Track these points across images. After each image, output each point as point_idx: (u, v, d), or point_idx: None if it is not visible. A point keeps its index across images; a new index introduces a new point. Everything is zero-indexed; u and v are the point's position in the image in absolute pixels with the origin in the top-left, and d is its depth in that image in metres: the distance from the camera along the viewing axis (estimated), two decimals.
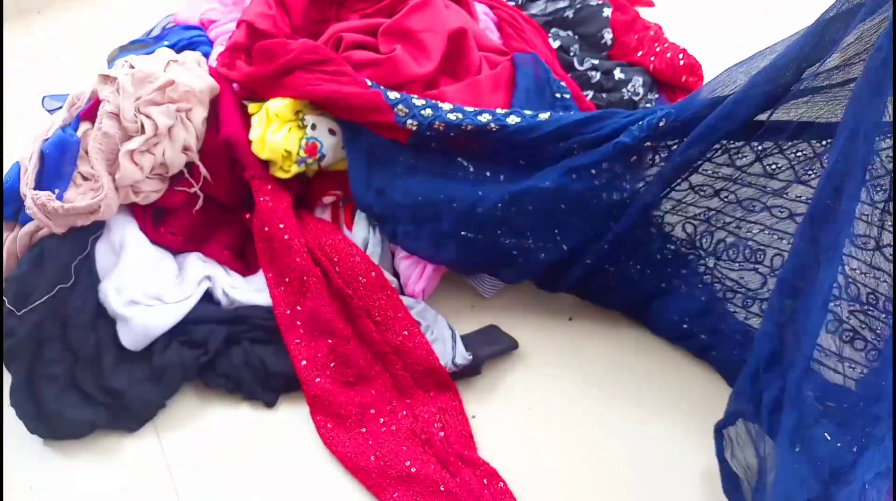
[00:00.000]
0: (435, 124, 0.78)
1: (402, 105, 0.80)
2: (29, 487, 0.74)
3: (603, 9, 1.18)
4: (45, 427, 0.76)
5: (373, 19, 0.91)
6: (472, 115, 0.79)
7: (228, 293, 0.83)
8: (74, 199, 0.78)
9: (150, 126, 0.80)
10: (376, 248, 0.86)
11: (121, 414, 0.77)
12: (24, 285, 0.78)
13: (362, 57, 0.86)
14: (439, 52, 0.86)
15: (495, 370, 0.82)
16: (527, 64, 0.95)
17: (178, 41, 1.02)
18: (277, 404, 0.79)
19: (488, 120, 0.78)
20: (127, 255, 0.81)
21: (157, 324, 0.78)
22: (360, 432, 0.76)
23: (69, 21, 1.40)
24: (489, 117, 0.79)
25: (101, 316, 0.80)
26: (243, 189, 0.88)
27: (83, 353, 0.78)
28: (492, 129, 0.77)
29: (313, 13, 0.94)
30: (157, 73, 0.84)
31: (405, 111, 0.80)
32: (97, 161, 0.79)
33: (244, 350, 0.79)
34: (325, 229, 0.86)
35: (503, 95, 0.92)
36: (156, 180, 0.83)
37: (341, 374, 0.79)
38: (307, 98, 0.83)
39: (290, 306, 0.81)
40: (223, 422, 0.78)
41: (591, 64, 1.12)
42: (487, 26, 1.07)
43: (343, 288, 0.81)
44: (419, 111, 0.79)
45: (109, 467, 0.76)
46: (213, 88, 0.88)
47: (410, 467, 0.72)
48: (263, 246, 0.84)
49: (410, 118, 0.79)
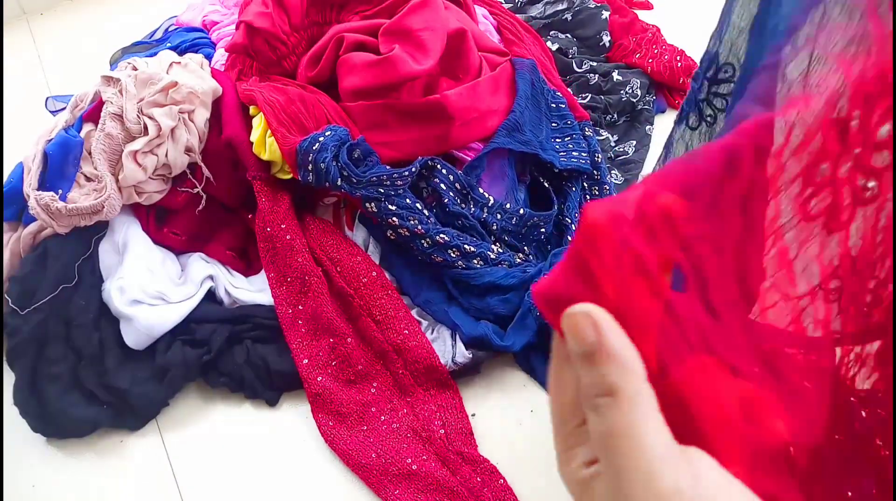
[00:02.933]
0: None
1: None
2: (31, 485, 0.75)
3: (601, 11, 1.19)
4: (47, 426, 0.76)
5: (374, 20, 0.91)
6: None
7: (231, 293, 0.84)
8: (78, 199, 0.79)
9: (153, 127, 0.80)
10: (377, 248, 0.86)
11: (124, 413, 0.77)
12: (28, 285, 0.79)
13: (362, 59, 0.87)
14: (439, 50, 0.87)
15: (495, 368, 0.82)
16: (524, 70, 0.95)
17: (181, 43, 1.03)
18: (279, 402, 0.80)
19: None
20: (130, 255, 0.81)
21: (160, 323, 0.78)
22: (361, 430, 0.76)
23: (72, 23, 1.41)
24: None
25: (104, 315, 0.80)
26: (245, 190, 0.88)
27: (86, 352, 0.78)
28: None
29: (314, 15, 0.94)
30: (160, 74, 0.84)
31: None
32: (100, 162, 0.80)
33: (246, 349, 0.80)
34: (326, 229, 0.86)
35: (505, 98, 0.92)
36: (159, 181, 0.84)
37: (342, 372, 0.79)
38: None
39: (292, 306, 0.82)
40: (225, 421, 0.79)
41: (590, 66, 1.13)
42: (488, 29, 1.08)
43: (344, 288, 0.81)
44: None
45: (112, 465, 0.76)
46: (216, 90, 0.88)
47: (412, 464, 0.72)
48: (265, 246, 0.85)
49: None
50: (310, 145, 0.79)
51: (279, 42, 0.91)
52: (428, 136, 0.87)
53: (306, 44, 0.94)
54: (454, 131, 0.87)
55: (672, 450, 0.19)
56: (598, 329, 0.19)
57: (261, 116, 0.85)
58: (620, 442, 0.18)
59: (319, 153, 0.79)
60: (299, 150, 0.80)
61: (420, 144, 0.86)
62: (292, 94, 0.87)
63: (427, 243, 0.80)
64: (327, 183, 0.79)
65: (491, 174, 0.89)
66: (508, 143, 0.88)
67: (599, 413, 0.19)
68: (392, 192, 0.80)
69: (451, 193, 0.83)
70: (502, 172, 0.90)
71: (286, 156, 0.82)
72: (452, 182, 0.84)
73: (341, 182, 0.79)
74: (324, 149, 0.79)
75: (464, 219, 0.83)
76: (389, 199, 0.80)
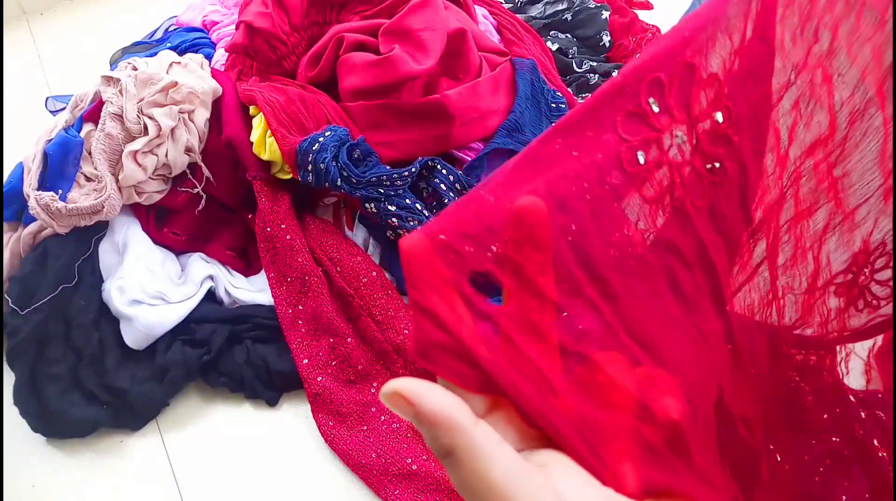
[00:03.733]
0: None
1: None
2: (31, 485, 0.75)
3: (602, 11, 1.19)
4: (47, 426, 0.76)
5: (374, 20, 0.91)
6: None
7: (231, 293, 0.84)
8: (78, 199, 0.79)
9: (153, 127, 0.80)
10: (377, 248, 0.86)
11: (124, 413, 0.77)
12: (28, 285, 0.79)
13: (362, 59, 0.87)
14: (439, 50, 0.87)
15: None
16: (524, 70, 0.95)
17: (181, 43, 1.02)
18: (279, 402, 0.80)
19: None
20: (130, 255, 0.81)
21: (160, 323, 0.78)
22: (361, 430, 0.76)
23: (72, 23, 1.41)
24: None
25: (104, 315, 0.80)
26: (245, 190, 0.88)
27: (86, 352, 0.78)
28: None
29: (314, 15, 0.94)
30: (160, 74, 0.84)
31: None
32: (100, 162, 0.80)
33: (246, 349, 0.80)
34: (326, 229, 0.86)
35: (505, 97, 0.92)
36: (159, 181, 0.84)
37: (342, 372, 0.79)
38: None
39: (292, 306, 0.82)
40: (225, 421, 0.79)
41: (590, 66, 1.13)
42: (488, 29, 1.08)
43: (344, 288, 0.81)
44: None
45: (112, 465, 0.76)
46: (216, 90, 0.88)
47: (412, 464, 0.72)
48: (265, 246, 0.85)
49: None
50: (310, 146, 0.80)
51: (279, 42, 0.91)
52: (428, 136, 0.87)
53: (306, 44, 0.94)
54: (454, 131, 0.87)
55: (524, 472, 0.20)
56: (409, 402, 0.20)
57: (261, 116, 0.85)
58: (475, 490, 0.20)
59: (319, 153, 0.79)
60: (299, 150, 0.80)
61: (420, 144, 0.86)
62: (292, 94, 0.87)
63: None
64: (327, 183, 0.79)
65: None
66: (509, 143, 0.88)
67: (450, 470, 0.20)
68: (392, 192, 0.80)
69: (451, 193, 0.83)
70: None
71: (286, 156, 0.82)
72: (452, 183, 0.84)
73: (341, 182, 0.79)
74: (323, 149, 0.79)
75: None
76: (389, 199, 0.80)
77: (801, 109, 0.28)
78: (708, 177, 0.25)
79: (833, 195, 0.30)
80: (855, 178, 0.30)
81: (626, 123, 0.23)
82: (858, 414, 0.33)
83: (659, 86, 0.24)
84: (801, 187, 0.30)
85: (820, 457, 0.33)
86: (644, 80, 0.23)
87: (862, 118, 0.29)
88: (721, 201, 0.26)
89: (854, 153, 0.29)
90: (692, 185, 0.25)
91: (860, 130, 0.29)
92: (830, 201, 0.30)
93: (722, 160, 0.25)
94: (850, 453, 0.32)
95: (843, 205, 0.30)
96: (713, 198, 0.25)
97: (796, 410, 0.33)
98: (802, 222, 0.30)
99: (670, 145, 0.24)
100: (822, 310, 0.32)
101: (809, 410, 0.34)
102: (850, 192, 0.30)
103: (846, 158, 0.29)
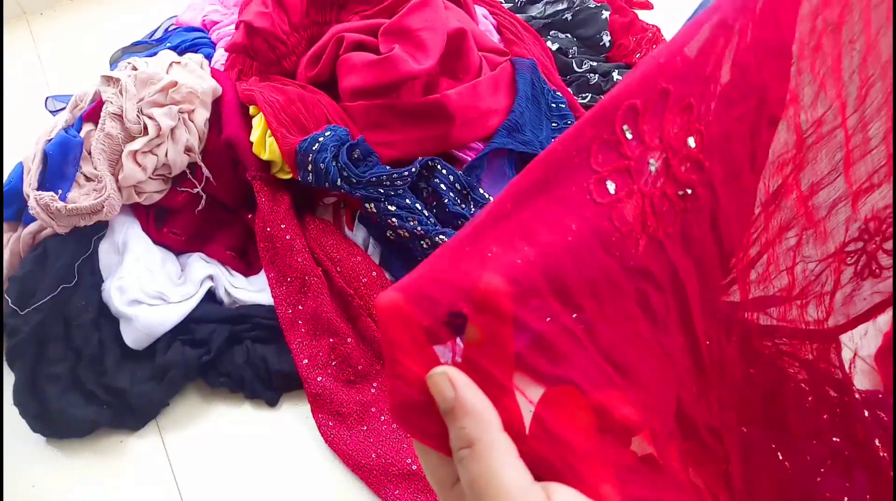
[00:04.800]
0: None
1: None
2: (31, 485, 0.75)
3: (602, 11, 1.19)
4: (47, 426, 0.76)
5: (374, 20, 0.91)
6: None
7: (230, 293, 0.84)
8: (77, 199, 0.79)
9: (152, 127, 0.80)
10: (377, 248, 0.86)
11: (123, 413, 0.77)
12: (28, 285, 0.79)
13: (362, 59, 0.87)
14: (439, 50, 0.87)
15: None
16: (524, 70, 0.95)
17: (181, 43, 1.03)
18: (279, 402, 0.80)
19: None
20: (130, 255, 0.81)
21: (160, 323, 0.78)
22: (361, 430, 0.76)
23: (72, 23, 1.41)
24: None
25: (104, 315, 0.80)
26: (245, 190, 0.88)
27: (86, 352, 0.78)
28: None
29: (314, 15, 0.94)
30: (159, 74, 0.84)
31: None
32: (100, 162, 0.80)
33: (246, 349, 0.80)
34: (326, 229, 0.86)
35: (505, 97, 0.92)
36: (158, 181, 0.84)
37: (342, 372, 0.79)
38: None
39: (292, 306, 0.82)
40: (226, 421, 0.79)
41: (590, 66, 1.13)
42: (488, 28, 1.08)
43: (344, 288, 0.81)
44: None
45: (112, 465, 0.76)
46: (216, 90, 0.88)
47: (411, 464, 0.72)
48: (265, 246, 0.85)
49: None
50: (309, 145, 0.79)
51: (279, 42, 0.91)
52: (428, 136, 0.87)
53: (306, 44, 0.94)
54: (454, 131, 0.87)
55: (531, 488, 0.21)
56: (454, 386, 0.21)
57: (261, 116, 0.85)
58: (483, 487, 0.21)
59: (319, 153, 0.79)
60: (299, 150, 0.80)
61: (420, 144, 0.86)
62: (292, 94, 0.87)
63: (427, 243, 0.80)
64: (327, 183, 0.79)
65: (491, 174, 0.89)
66: (509, 143, 0.88)
67: (463, 464, 0.21)
68: (392, 192, 0.80)
69: (451, 193, 0.83)
70: (502, 173, 0.90)
71: (286, 156, 0.82)
72: (452, 182, 0.84)
73: (341, 182, 0.79)
74: (323, 149, 0.79)
75: (464, 220, 0.83)
76: (389, 199, 0.80)
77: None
78: (679, 204, 0.25)
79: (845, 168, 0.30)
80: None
81: (599, 152, 0.23)
82: (860, 414, 0.33)
83: (634, 112, 0.24)
84: (819, 154, 0.30)
85: (821, 458, 0.33)
86: (621, 107, 0.24)
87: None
88: (693, 226, 0.26)
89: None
90: (664, 213, 0.25)
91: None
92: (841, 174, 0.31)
93: (694, 187, 0.26)
94: (852, 453, 0.32)
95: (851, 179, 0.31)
96: (685, 223, 0.26)
97: (794, 411, 0.33)
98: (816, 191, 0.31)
99: (641, 173, 0.24)
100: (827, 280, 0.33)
101: (809, 410, 0.33)
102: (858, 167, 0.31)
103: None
